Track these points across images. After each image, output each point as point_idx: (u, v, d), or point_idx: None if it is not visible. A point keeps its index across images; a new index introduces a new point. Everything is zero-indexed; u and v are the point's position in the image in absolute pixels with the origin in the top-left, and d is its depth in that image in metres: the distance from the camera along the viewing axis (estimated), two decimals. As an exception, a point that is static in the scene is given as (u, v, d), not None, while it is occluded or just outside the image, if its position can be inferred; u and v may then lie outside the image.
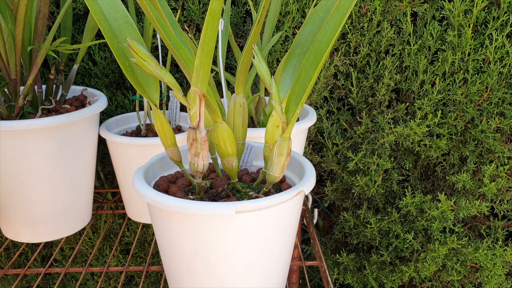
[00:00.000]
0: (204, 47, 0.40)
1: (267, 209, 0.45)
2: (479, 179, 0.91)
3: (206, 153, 0.47)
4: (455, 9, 0.86)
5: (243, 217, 0.44)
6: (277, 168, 0.48)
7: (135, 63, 0.44)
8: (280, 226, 0.48)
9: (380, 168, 0.92)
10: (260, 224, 0.46)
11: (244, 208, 0.43)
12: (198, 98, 0.43)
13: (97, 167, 1.01)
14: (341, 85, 0.98)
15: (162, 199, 0.45)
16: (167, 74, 0.45)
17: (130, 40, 0.43)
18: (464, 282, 0.98)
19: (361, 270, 1.01)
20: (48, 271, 0.79)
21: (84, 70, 0.97)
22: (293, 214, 0.50)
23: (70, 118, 0.71)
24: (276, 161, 0.47)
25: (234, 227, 0.45)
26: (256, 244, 0.47)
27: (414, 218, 0.94)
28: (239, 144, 0.52)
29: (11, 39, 0.68)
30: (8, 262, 1.10)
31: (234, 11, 0.93)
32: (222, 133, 0.47)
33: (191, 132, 0.45)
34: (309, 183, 0.49)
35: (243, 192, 0.52)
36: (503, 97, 0.89)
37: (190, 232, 0.46)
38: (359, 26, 0.92)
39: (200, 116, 0.44)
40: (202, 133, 0.45)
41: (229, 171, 0.50)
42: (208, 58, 0.41)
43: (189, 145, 0.46)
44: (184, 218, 0.45)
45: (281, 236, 0.49)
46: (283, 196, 0.45)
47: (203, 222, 0.45)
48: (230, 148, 0.48)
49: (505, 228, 0.98)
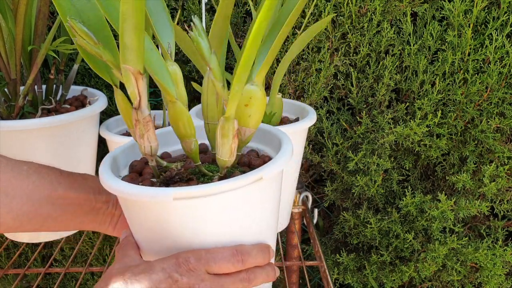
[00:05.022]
0: (128, 21, 0.37)
1: (217, 195, 0.41)
2: (479, 179, 0.91)
3: (151, 135, 0.44)
4: (455, 9, 0.86)
5: (187, 203, 0.41)
6: (224, 151, 0.44)
7: (77, 42, 0.41)
8: (238, 212, 0.44)
9: (380, 168, 0.92)
10: (207, 210, 0.43)
11: (181, 195, 0.40)
12: (132, 76, 0.40)
13: (97, 167, 1.01)
14: (341, 85, 0.98)
15: (113, 184, 0.43)
16: (105, 51, 0.42)
17: (70, 19, 0.40)
18: (464, 282, 0.98)
19: (361, 270, 1.01)
20: (48, 271, 0.79)
21: (84, 70, 0.97)
22: (260, 199, 0.46)
23: (70, 118, 0.71)
24: (222, 144, 0.44)
25: (176, 212, 0.42)
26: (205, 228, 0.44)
27: (414, 218, 0.94)
28: (213, 124, 0.48)
29: (11, 39, 0.68)
30: (8, 262, 1.10)
31: (234, 11, 0.93)
32: (177, 113, 0.44)
33: (133, 113, 0.42)
34: (269, 169, 0.44)
35: (209, 176, 0.48)
36: (503, 97, 0.89)
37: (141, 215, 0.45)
38: (359, 26, 0.92)
39: (140, 95, 0.41)
40: (144, 113, 0.42)
41: (189, 154, 0.47)
42: (137, 33, 0.38)
43: (134, 127, 0.43)
44: (134, 203, 0.44)
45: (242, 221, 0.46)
46: (231, 184, 0.41)
47: (148, 207, 0.43)
48: (188, 128, 0.45)
49: (505, 228, 0.98)
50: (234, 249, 0.44)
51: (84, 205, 0.52)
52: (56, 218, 0.51)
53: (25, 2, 0.64)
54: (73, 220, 0.52)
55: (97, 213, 0.53)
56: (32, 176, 0.49)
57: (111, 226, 0.55)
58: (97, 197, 0.53)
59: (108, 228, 0.55)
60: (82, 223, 0.53)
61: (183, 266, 0.42)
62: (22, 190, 0.48)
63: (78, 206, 0.52)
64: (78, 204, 0.52)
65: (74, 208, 0.51)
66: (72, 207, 0.51)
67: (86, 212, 0.52)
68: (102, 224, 0.55)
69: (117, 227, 0.55)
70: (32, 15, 0.71)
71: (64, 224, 0.52)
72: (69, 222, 0.52)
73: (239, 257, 0.44)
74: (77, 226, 0.54)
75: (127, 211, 0.47)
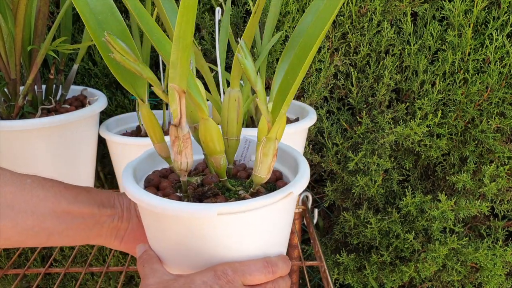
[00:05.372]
0: (179, 41, 0.38)
1: (252, 211, 0.44)
2: (479, 179, 0.91)
3: (189, 151, 0.45)
4: (455, 9, 0.86)
5: (225, 219, 0.43)
6: (263, 168, 0.46)
7: (113, 58, 0.42)
8: (269, 225, 0.47)
9: (380, 168, 0.92)
10: (244, 225, 0.45)
11: (225, 211, 0.42)
12: (177, 95, 0.41)
13: (97, 167, 1.01)
14: (341, 85, 0.98)
15: (147, 198, 0.44)
16: (146, 69, 0.43)
17: (108, 34, 0.41)
18: (464, 282, 0.98)
19: (361, 270, 1.01)
20: (48, 271, 0.79)
21: (84, 70, 0.97)
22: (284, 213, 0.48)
23: (70, 118, 0.71)
24: (261, 162, 0.46)
25: (214, 228, 0.44)
26: (241, 242, 0.46)
27: (414, 218, 0.94)
28: (232, 139, 0.50)
29: (11, 39, 0.68)
30: (8, 262, 1.10)
31: (234, 11, 0.93)
32: (209, 130, 0.45)
33: (173, 130, 0.44)
34: (300, 185, 0.47)
35: (233, 190, 0.50)
36: (503, 97, 0.89)
37: (173, 229, 0.45)
38: (359, 26, 0.92)
39: (181, 113, 0.42)
40: (184, 131, 0.43)
41: (217, 170, 0.48)
42: (185, 53, 0.39)
43: (172, 143, 0.45)
44: (168, 217, 0.44)
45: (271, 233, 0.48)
46: (268, 200, 0.44)
47: (183, 222, 0.44)
48: (218, 145, 0.47)
49: (505, 228, 0.98)
50: (265, 260, 0.46)
51: (88, 219, 0.51)
52: (61, 232, 0.50)
53: (25, 2, 0.64)
54: (78, 234, 0.51)
55: (102, 227, 0.53)
56: (37, 190, 0.48)
57: (117, 240, 0.54)
58: (102, 210, 0.52)
59: (114, 242, 0.54)
60: (87, 238, 0.52)
61: (222, 279, 0.43)
62: (26, 204, 0.47)
63: (82, 220, 0.51)
64: (82, 218, 0.51)
65: (78, 222, 0.51)
66: (77, 221, 0.51)
67: (90, 226, 0.52)
68: (108, 238, 0.54)
69: (124, 241, 0.54)
70: (32, 15, 0.71)
71: (69, 239, 0.51)
72: (75, 237, 0.52)
73: (270, 269, 0.46)
74: (83, 241, 0.53)
75: (153, 225, 0.47)
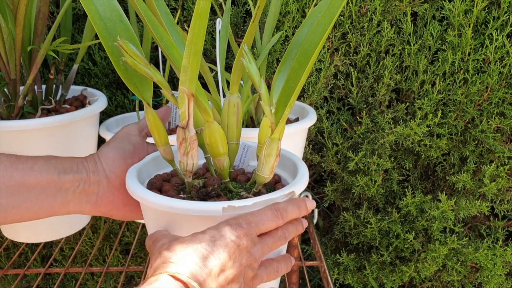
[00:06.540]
0: (191, 46, 0.40)
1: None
2: (479, 179, 0.91)
3: (195, 153, 0.47)
4: (455, 9, 0.86)
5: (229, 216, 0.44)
6: (266, 168, 0.48)
7: (125, 61, 0.44)
8: None
9: (380, 168, 0.92)
10: None
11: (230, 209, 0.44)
12: (186, 97, 0.43)
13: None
14: (341, 85, 0.98)
15: (153, 198, 0.45)
16: (156, 73, 0.45)
17: (120, 39, 0.43)
18: (464, 282, 0.98)
19: (361, 270, 1.01)
20: (48, 271, 0.79)
21: (84, 70, 0.97)
22: None
23: (70, 118, 0.71)
24: (265, 162, 0.48)
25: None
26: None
27: (414, 218, 0.94)
28: (232, 143, 0.52)
29: (11, 39, 0.68)
30: (8, 262, 1.10)
31: (234, 11, 0.93)
32: (213, 132, 0.47)
33: (180, 131, 0.45)
34: (300, 185, 0.49)
35: (235, 192, 0.52)
36: (503, 97, 0.89)
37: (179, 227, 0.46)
38: (359, 26, 0.92)
39: (189, 115, 0.44)
40: (191, 133, 0.45)
41: (221, 171, 0.50)
42: (196, 58, 0.41)
43: (179, 144, 0.46)
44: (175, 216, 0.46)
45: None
46: (271, 197, 0.46)
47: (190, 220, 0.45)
48: (222, 147, 0.48)
49: (505, 228, 0.98)
50: (274, 208, 0.45)
51: (48, 188, 0.48)
52: (18, 206, 0.47)
53: (25, 2, 0.64)
54: (39, 206, 0.48)
55: (66, 194, 0.49)
56: None
57: (89, 205, 0.51)
58: (63, 177, 0.48)
59: (86, 207, 0.51)
60: (52, 208, 0.49)
61: (238, 230, 0.42)
62: None
63: (41, 190, 0.47)
64: (41, 187, 0.47)
65: (37, 193, 0.47)
66: (35, 192, 0.47)
67: (52, 195, 0.48)
68: (78, 205, 0.50)
69: (98, 205, 0.51)
70: (32, 15, 0.71)
71: (30, 212, 0.48)
72: (36, 209, 0.48)
73: (280, 215, 0.45)
74: (49, 212, 0.49)
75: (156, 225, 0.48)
